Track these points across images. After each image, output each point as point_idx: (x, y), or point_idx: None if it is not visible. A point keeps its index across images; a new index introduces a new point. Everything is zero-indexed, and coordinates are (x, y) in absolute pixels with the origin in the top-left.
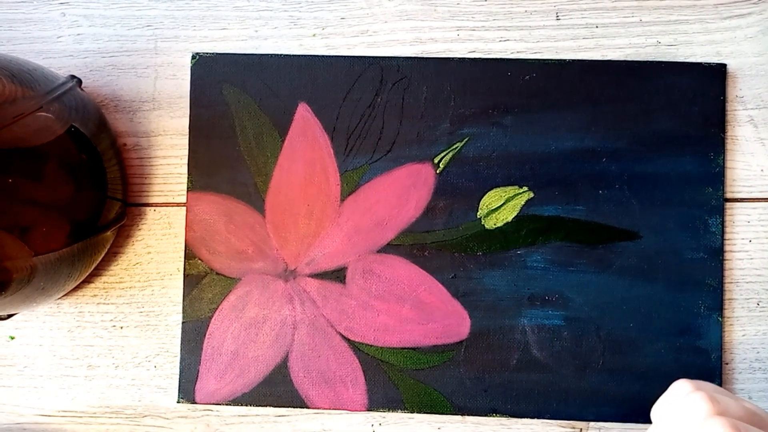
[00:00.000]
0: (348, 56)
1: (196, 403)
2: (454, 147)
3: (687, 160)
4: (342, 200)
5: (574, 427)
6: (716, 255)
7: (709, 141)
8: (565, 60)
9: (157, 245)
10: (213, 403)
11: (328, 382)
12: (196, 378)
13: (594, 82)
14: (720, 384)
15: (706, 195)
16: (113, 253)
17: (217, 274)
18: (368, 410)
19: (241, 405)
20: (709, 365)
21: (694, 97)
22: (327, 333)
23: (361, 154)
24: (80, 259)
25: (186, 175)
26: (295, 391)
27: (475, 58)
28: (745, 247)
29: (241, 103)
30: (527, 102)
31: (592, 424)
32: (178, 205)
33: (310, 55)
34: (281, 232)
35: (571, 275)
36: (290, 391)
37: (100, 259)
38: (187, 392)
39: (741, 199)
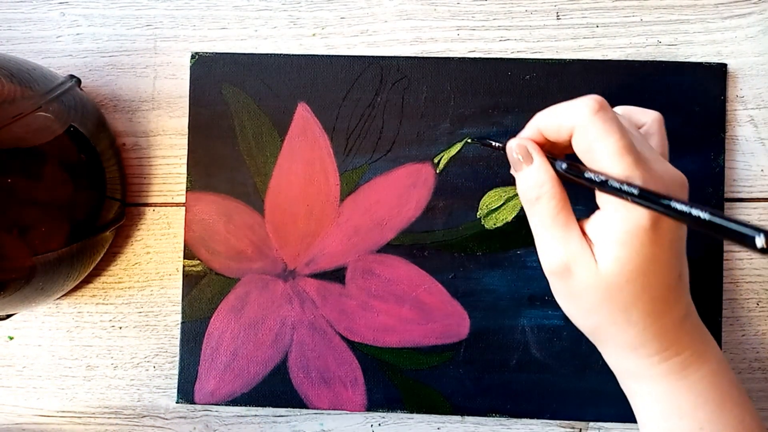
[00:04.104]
0: (348, 56)
1: (195, 403)
2: (454, 147)
3: (687, 160)
4: (341, 200)
5: (573, 427)
6: (716, 255)
7: (709, 141)
8: (565, 60)
9: (156, 245)
10: (212, 404)
11: (328, 382)
12: (195, 378)
13: (594, 81)
14: None
15: (706, 195)
16: (112, 253)
17: (217, 274)
18: (368, 410)
19: (240, 405)
20: None
21: (694, 96)
22: (326, 333)
23: (360, 154)
24: (79, 259)
25: (185, 175)
26: (294, 391)
27: (475, 58)
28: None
29: (241, 103)
30: (527, 102)
31: (591, 424)
32: (177, 205)
33: (310, 55)
34: (280, 232)
35: None
36: (289, 392)
37: (99, 259)
38: (186, 392)
39: (741, 199)
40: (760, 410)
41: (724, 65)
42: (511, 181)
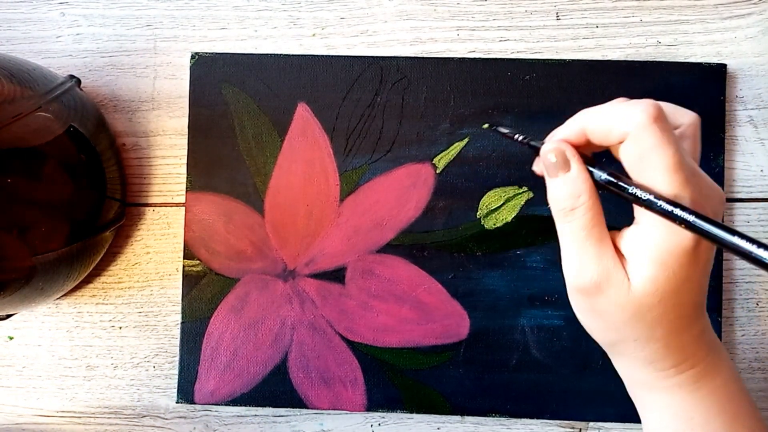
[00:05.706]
0: (348, 56)
1: (195, 403)
2: (453, 147)
3: None
4: (341, 200)
5: (573, 427)
6: (716, 255)
7: (709, 141)
8: (565, 60)
9: (156, 245)
10: (212, 404)
11: (328, 382)
12: (195, 378)
13: (594, 82)
14: None
15: None
16: (112, 254)
17: (216, 274)
18: (367, 410)
19: (240, 405)
20: None
21: (694, 97)
22: (326, 333)
23: (360, 154)
24: (79, 259)
25: (185, 175)
26: (294, 391)
27: (475, 58)
28: None
29: (241, 103)
30: (527, 102)
31: (591, 424)
32: (177, 205)
33: (310, 55)
34: (280, 232)
35: None
36: (289, 392)
37: (98, 259)
38: (186, 392)
39: (741, 199)
40: (761, 410)
41: (724, 65)
42: (510, 181)
